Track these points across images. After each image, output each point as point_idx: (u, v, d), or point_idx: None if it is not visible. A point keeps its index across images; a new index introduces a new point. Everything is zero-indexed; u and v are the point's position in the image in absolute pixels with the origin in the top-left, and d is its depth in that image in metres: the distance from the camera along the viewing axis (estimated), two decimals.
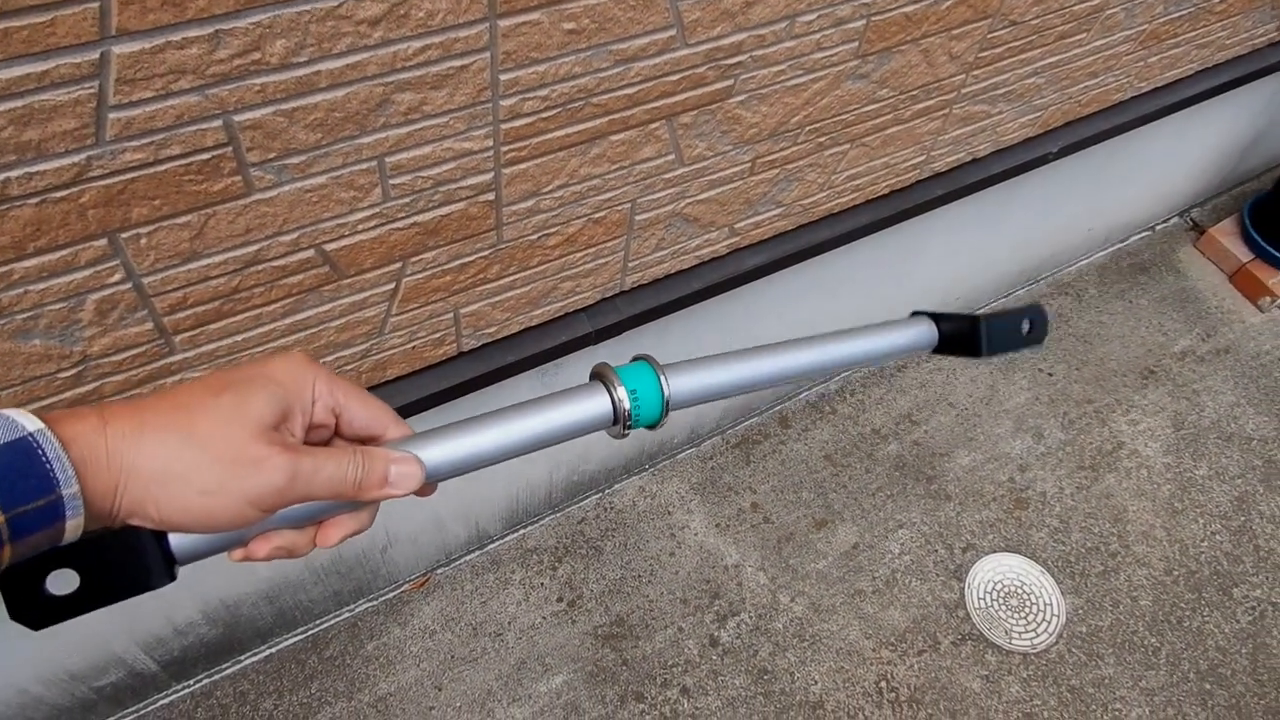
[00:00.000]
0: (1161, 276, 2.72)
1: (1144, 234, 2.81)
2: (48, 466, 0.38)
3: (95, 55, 0.74)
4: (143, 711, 1.75)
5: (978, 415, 2.36)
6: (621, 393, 0.53)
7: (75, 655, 1.50)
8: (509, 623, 1.93)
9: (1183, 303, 2.66)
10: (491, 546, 2.02)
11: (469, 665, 1.87)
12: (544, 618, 1.95)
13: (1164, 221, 2.84)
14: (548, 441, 0.52)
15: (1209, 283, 2.72)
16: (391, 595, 1.93)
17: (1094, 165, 2.15)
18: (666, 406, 0.54)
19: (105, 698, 1.64)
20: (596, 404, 0.53)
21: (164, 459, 0.41)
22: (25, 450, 0.37)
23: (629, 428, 0.54)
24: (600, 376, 0.54)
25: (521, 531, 2.05)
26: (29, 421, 0.38)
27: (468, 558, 1.99)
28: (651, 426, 0.56)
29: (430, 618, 1.92)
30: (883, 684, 1.94)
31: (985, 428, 2.34)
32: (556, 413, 0.52)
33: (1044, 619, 2.07)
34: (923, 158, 1.65)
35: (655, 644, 1.95)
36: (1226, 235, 2.72)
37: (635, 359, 0.56)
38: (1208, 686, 2.00)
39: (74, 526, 0.39)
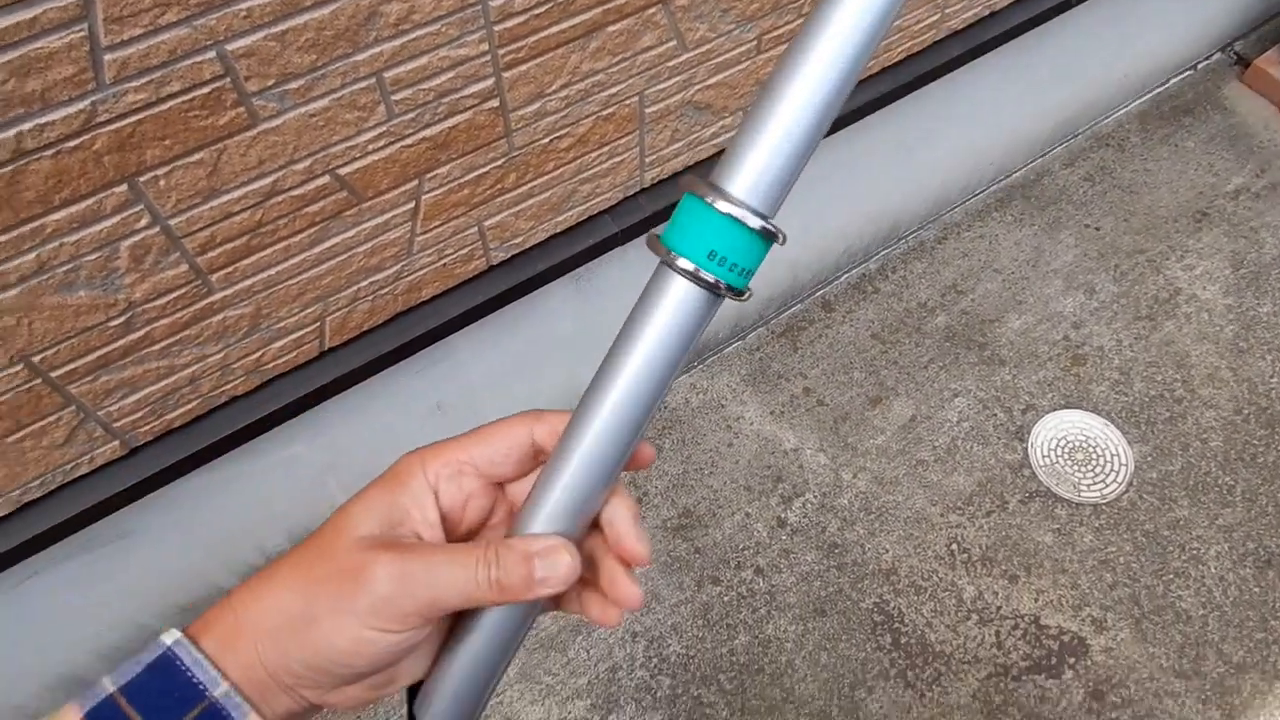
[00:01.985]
0: (1207, 116, 2.59)
1: (1185, 74, 2.68)
2: (188, 674, 0.36)
3: None
4: None
5: (1025, 278, 2.31)
6: (685, 264, 0.37)
7: (181, 590, 1.59)
8: None
9: (1232, 140, 2.54)
10: None
11: None
12: None
13: (1206, 58, 2.70)
14: (668, 381, 0.40)
15: (1259, 117, 2.58)
16: None
17: (1123, 5, 2.05)
18: (766, 230, 0.37)
19: None
20: (679, 304, 0.38)
21: (282, 602, 0.37)
22: (165, 667, 0.36)
23: (737, 291, 0.39)
24: (658, 251, 0.39)
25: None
26: (168, 636, 0.37)
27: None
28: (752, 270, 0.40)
29: None
30: (953, 546, 1.97)
31: (1034, 289, 2.29)
32: (656, 353, 0.39)
33: (1112, 469, 2.05)
34: (937, 16, 1.59)
35: (725, 530, 1.99)
36: (1274, 65, 2.57)
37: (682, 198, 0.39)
38: None
39: None
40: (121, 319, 1.03)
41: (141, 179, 0.91)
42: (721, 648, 1.88)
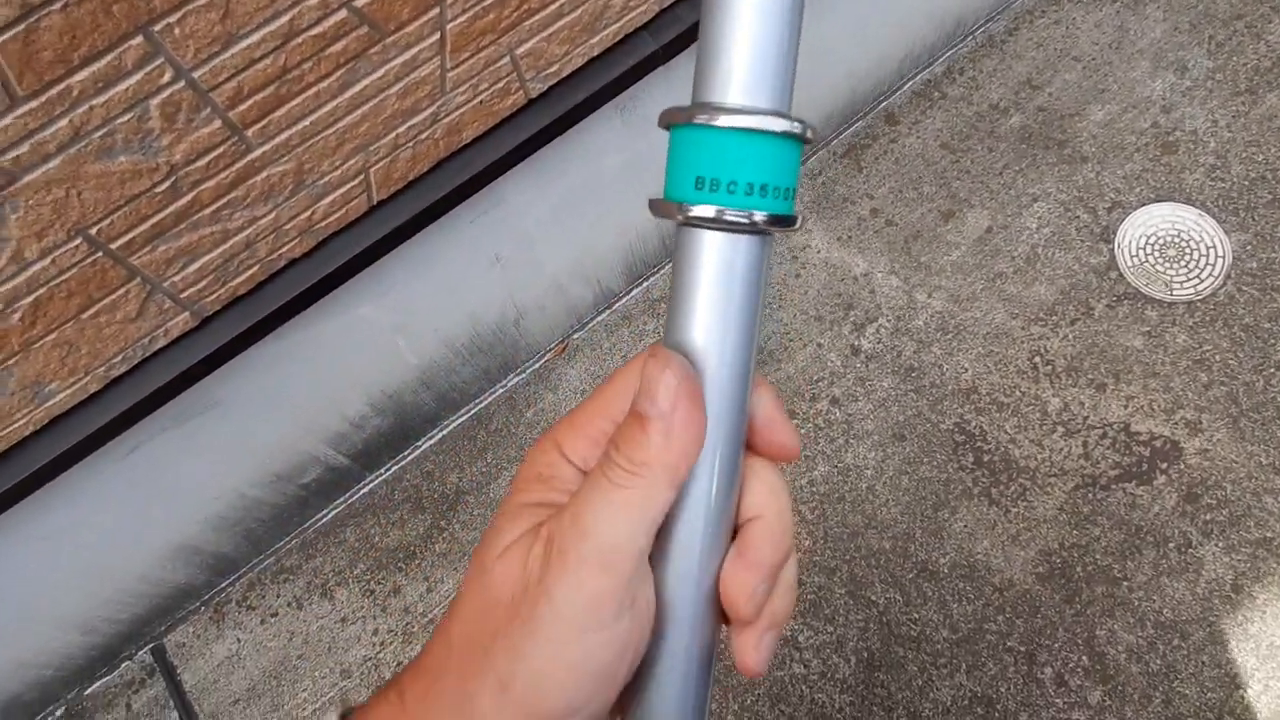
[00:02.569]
0: None
1: None
2: None
3: None
4: (350, 500, 1.96)
5: (1108, 63, 2.13)
6: (705, 211, 0.30)
7: (275, 459, 1.67)
8: None
9: None
10: (619, 304, 2.06)
11: None
12: None
13: None
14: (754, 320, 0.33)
15: None
16: (537, 365, 2.03)
17: None
18: (787, 130, 0.29)
19: (313, 493, 1.84)
20: (722, 264, 0.31)
21: (454, 684, 0.31)
22: None
23: (785, 220, 0.31)
24: (667, 213, 0.31)
25: (644, 285, 2.07)
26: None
27: (598, 319, 2.05)
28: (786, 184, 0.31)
29: (578, 379, 2.01)
30: (1036, 359, 1.91)
31: (1118, 75, 2.12)
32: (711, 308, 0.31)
33: (1207, 263, 1.94)
34: None
35: (797, 363, 1.97)
36: None
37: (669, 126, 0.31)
38: None
39: None
40: (167, 183, 1.03)
41: (155, 28, 0.88)
42: (800, 479, 1.89)
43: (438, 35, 1.11)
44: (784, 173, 0.30)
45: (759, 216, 0.29)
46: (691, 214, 0.30)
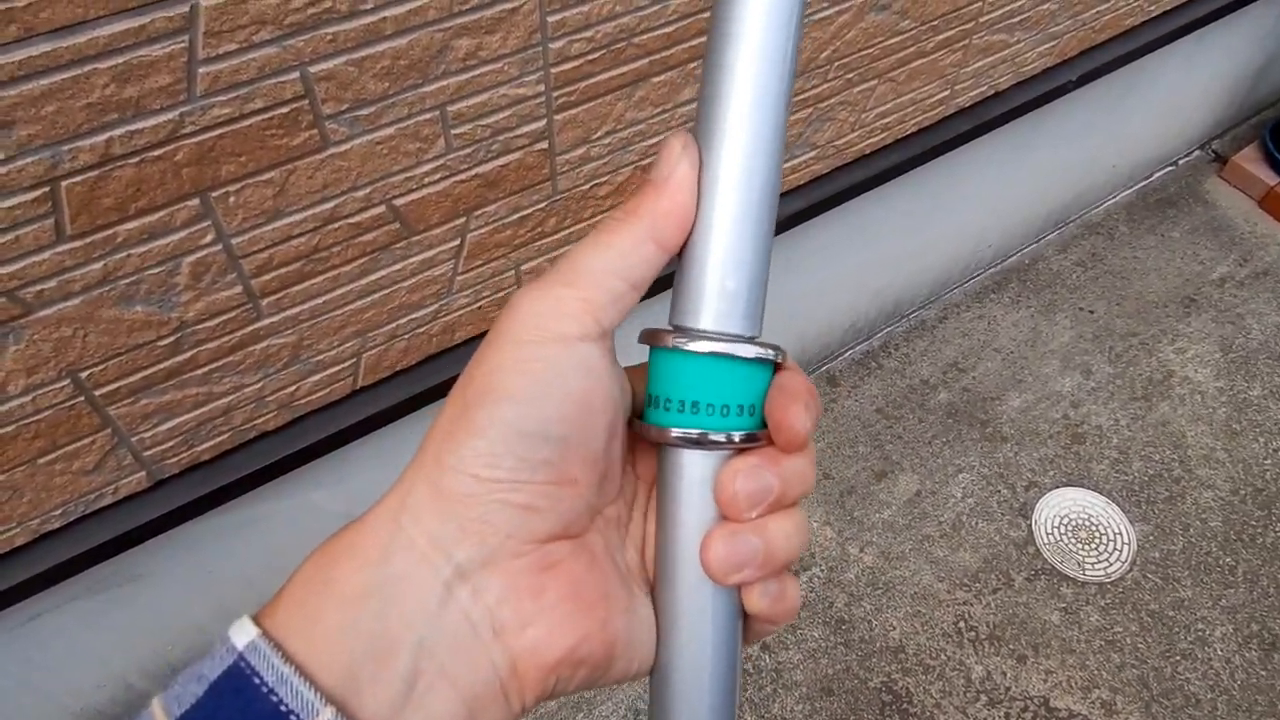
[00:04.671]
0: (1190, 208, 2.72)
1: (1168, 169, 2.82)
2: (270, 697, 0.25)
3: (186, 8, 0.79)
4: None
5: (1024, 357, 2.37)
6: (677, 434, 0.31)
7: (179, 646, 1.54)
8: None
9: (1215, 231, 2.66)
10: None
11: None
12: None
13: (1186, 155, 2.85)
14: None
15: (1239, 209, 2.72)
16: None
17: (1111, 97, 2.18)
18: (759, 356, 0.32)
19: None
20: (695, 480, 0.31)
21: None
22: (236, 689, 0.26)
23: (745, 439, 0.31)
24: (647, 435, 0.33)
25: None
26: (239, 633, 0.27)
27: None
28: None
29: None
30: (961, 624, 1.95)
31: (1033, 368, 2.35)
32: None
33: (1115, 548, 2.06)
34: (947, 92, 1.68)
35: None
36: (1250, 161, 2.72)
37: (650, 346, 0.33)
38: None
39: None
40: (171, 338, 1.04)
41: (214, 194, 0.93)
42: None
43: (458, 241, 1.19)
44: (755, 391, 0.32)
45: (738, 436, 0.32)
46: (671, 436, 0.32)
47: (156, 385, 1.08)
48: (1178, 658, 1.92)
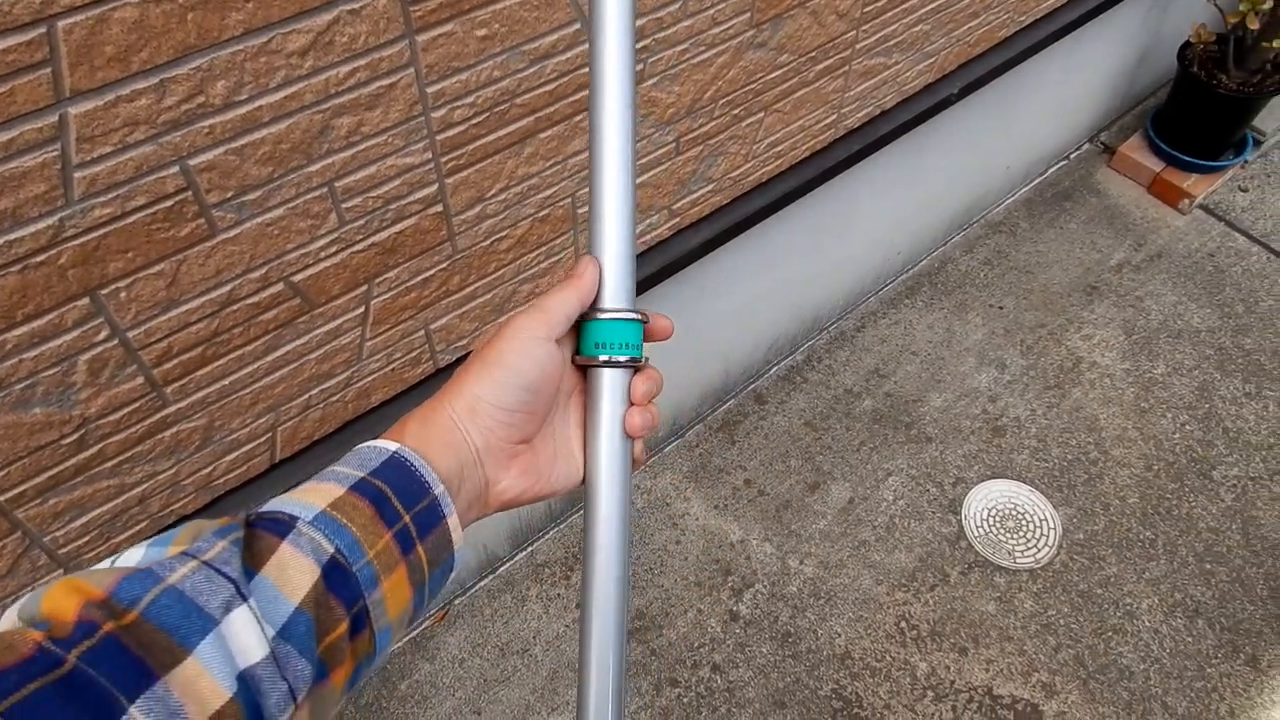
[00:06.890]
0: (1084, 199, 2.85)
1: (1060, 164, 2.95)
2: (420, 474, 0.48)
3: (54, 118, 0.80)
4: None
5: (941, 358, 2.44)
6: (602, 359, 0.56)
7: None
8: (534, 637, 1.97)
9: (1109, 220, 2.78)
10: (502, 569, 2.05)
11: (503, 685, 1.90)
12: (566, 626, 1.99)
13: (1076, 149, 2.98)
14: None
15: (1129, 197, 2.85)
16: (415, 633, 1.96)
17: (996, 103, 2.27)
18: (632, 317, 0.56)
19: None
20: (612, 381, 0.56)
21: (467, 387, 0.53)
22: (401, 464, 0.47)
23: (631, 361, 0.56)
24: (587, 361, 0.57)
25: (529, 549, 2.09)
26: (385, 444, 0.49)
27: (481, 584, 2.03)
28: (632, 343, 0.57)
29: (457, 647, 1.95)
30: (902, 624, 2.00)
31: (950, 368, 2.42)
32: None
33: (1042, 534, 2.14)
34: (834, 116, 1.75)
35: (679, 629, 1.99)
36: (1136, 150, 2.85)
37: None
38: (1207, 566, 2.08)
39: (454, 525, 0.49)
40: (75, 435, 1.03)
41: (103, 291, 0.93)
42: None
43: (363, 309, 1.21)
44: (636, 338, 0.57)
45: (626, 360, 0.56)
46: (599, 359, 0.56)
47: (65, 483, 1.07)
48: (1109, 634, 1.99)
